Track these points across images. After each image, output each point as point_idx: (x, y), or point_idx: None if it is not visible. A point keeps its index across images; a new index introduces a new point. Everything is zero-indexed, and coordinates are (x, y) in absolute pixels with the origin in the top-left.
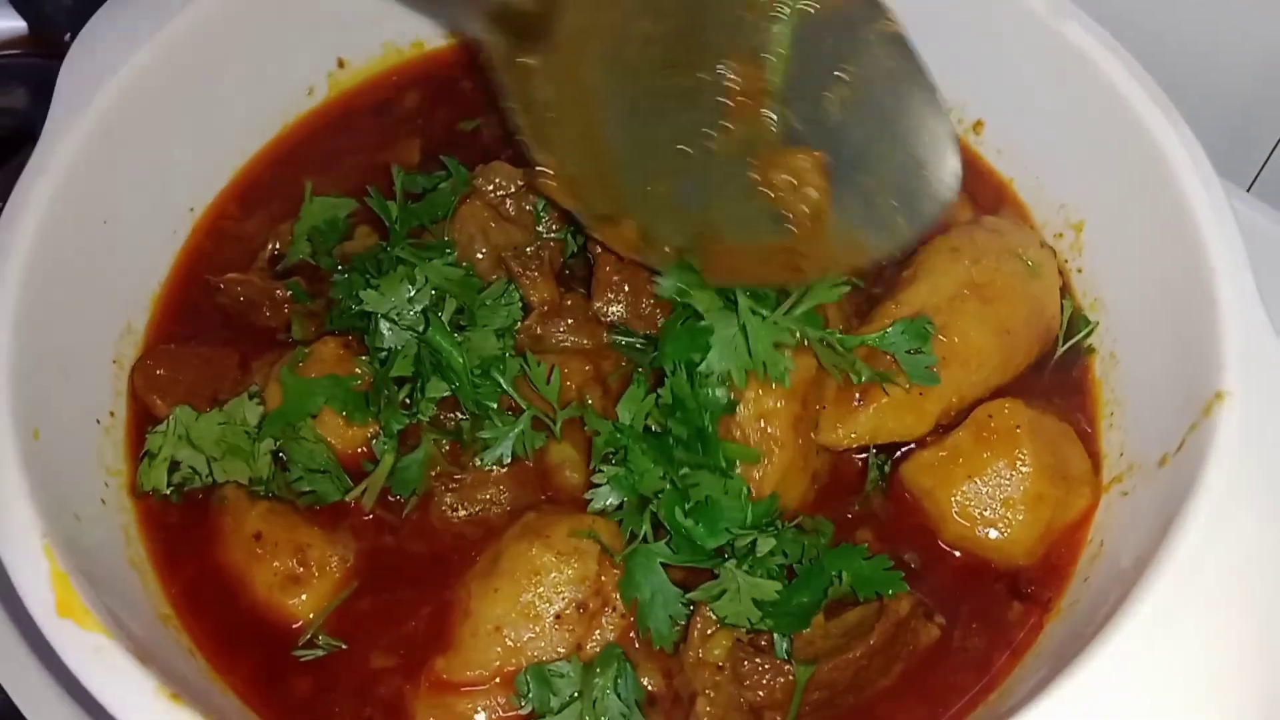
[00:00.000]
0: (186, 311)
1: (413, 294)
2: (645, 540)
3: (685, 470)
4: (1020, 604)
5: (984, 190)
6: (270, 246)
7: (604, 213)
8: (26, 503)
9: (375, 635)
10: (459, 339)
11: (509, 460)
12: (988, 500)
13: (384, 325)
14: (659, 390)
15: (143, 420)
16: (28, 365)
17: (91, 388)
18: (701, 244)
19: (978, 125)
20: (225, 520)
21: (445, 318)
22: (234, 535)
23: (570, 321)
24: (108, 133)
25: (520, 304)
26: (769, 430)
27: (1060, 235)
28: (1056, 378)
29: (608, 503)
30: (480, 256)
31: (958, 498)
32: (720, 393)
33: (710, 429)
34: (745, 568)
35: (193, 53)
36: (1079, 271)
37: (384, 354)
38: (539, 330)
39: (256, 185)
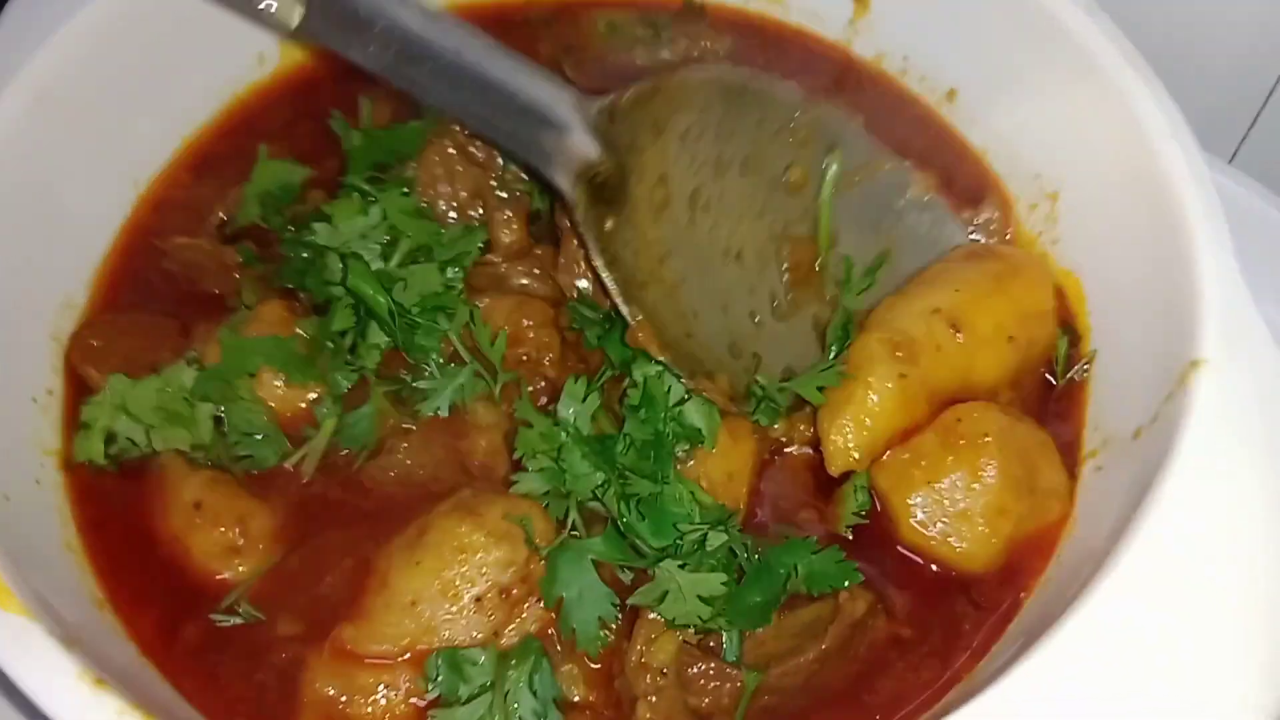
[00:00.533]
0: (129, 283)
1: (367, 230)
2: (575, 533)
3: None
4: (976, 610)
5: (956, 162)
6: (219, 212)
7: (691, 368)
8: None
9: (288, 598)
10: (402, 273)
11: (446, 414)
12: (945, 509)
13: (333, 261)
14: (626, 388)
15: (80, 395)
16: None
17: (27, 365)
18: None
19: (950, 94)
20: (164, 490)
21: (398, 259)
22: (173, 505)
23: (537, 271)
24: (42, 100)
25: (482, 245)
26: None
27: (1035, 206)
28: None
29: (532, 487)
30: (444, 195)
31: (914, 503)
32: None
33: (668, 442)
34: (687, 565)
35: (134, 18)
36: (1054, 243)
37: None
38: (503, 269)
39: (206, 156)
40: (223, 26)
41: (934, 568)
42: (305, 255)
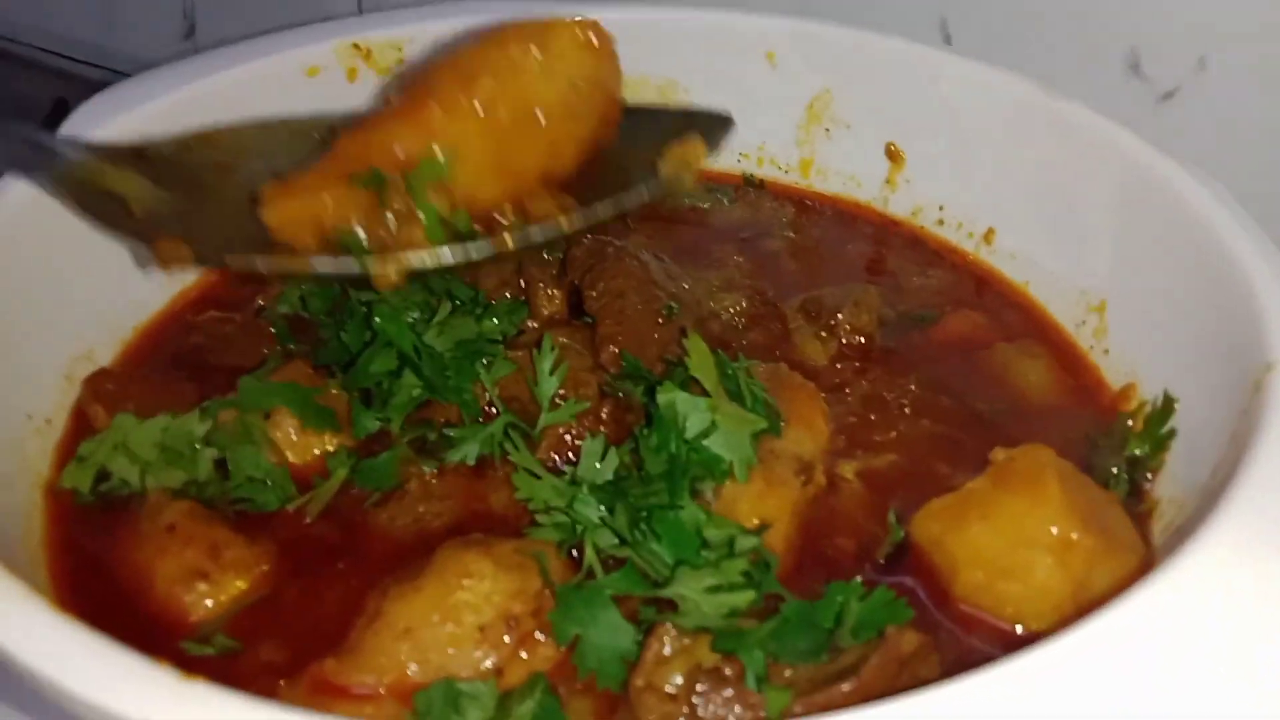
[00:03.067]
0: (154, 351)
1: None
2: (591, 575)
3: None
4: None
5: (999, 301)
6: (258, 300)
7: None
8: None
9: (271, 632)
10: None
11: (473, 462)
12: (1004, 545)
13: (380, 312)
14: (637, 431)
15: (80, 434)
16: None
17: (32, 389)
18: None
19: (989, 235)
20: (142, 519)
21: (441, 317)
22: (147, 531)
23: (576, 341)
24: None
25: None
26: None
27: (1083, 323)
28: None
29: (548, 536)
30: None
31: (969, 543)
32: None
33: (681, 467)
34: (709, 579)
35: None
36: (1105, 353)
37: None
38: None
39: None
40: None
41: (1000, 624)
42: (346, 335)
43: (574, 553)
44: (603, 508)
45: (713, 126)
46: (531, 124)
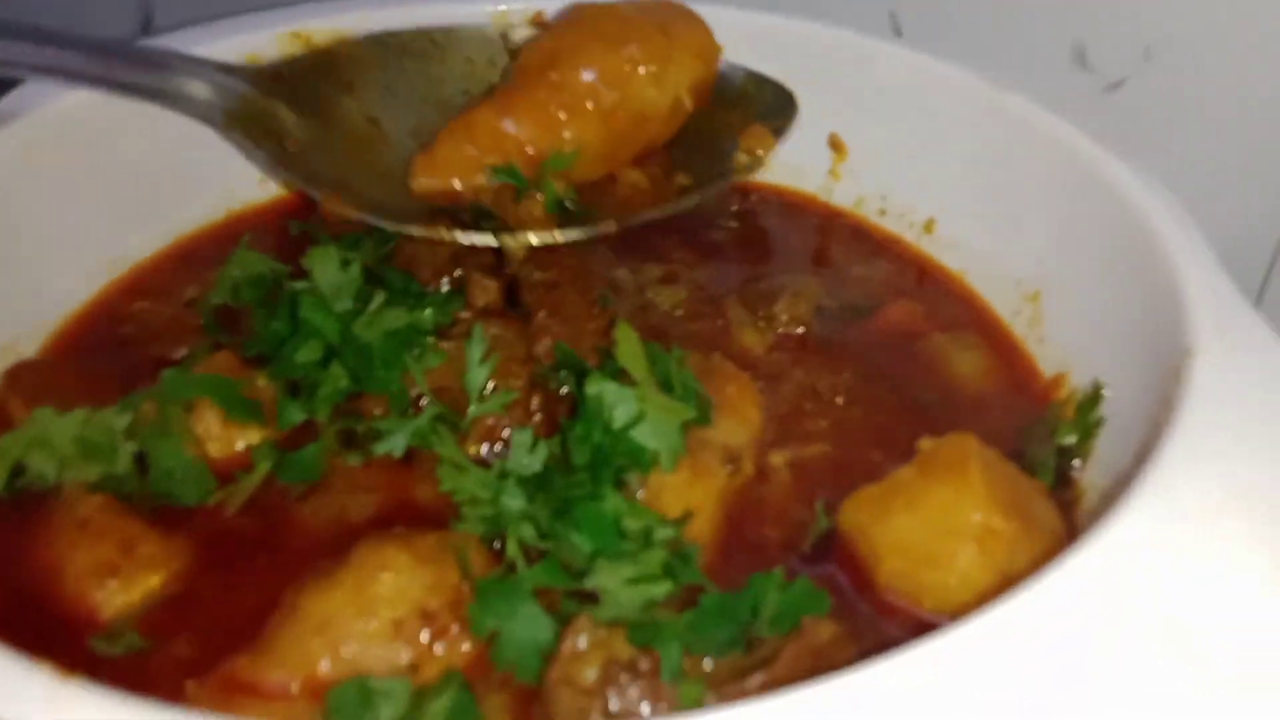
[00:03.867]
0: (81, 342)
1: (345, 283)
2: (513, 568)
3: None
4: None
5: (937, 291)
6: (189, 293)
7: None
8: None
9: (183, 629)
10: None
11: (400, 454)
12: (927, 533)
13: (306, 302)
14: (563, 422)
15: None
16: None
17: None
18: None
19: (929, 224)
20: (56, 513)
21: (374, 307)
22: (60, 525)
23: (510, 332)
24: (33, 151)
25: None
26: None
27: (1019, 312)
28: None
29: (472, 529)
30: (424, 263)
31: (893, 531)
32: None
33: (605, 457)
34: (626, 569)
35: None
36: (1040, 342)
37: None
38: (475, 326)
39: (189, 255)
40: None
41: (922, 613)
42: (275, 325)
43: (497, 545)
44: (526, 498)
45: (780, 105)
46: (644, 123)
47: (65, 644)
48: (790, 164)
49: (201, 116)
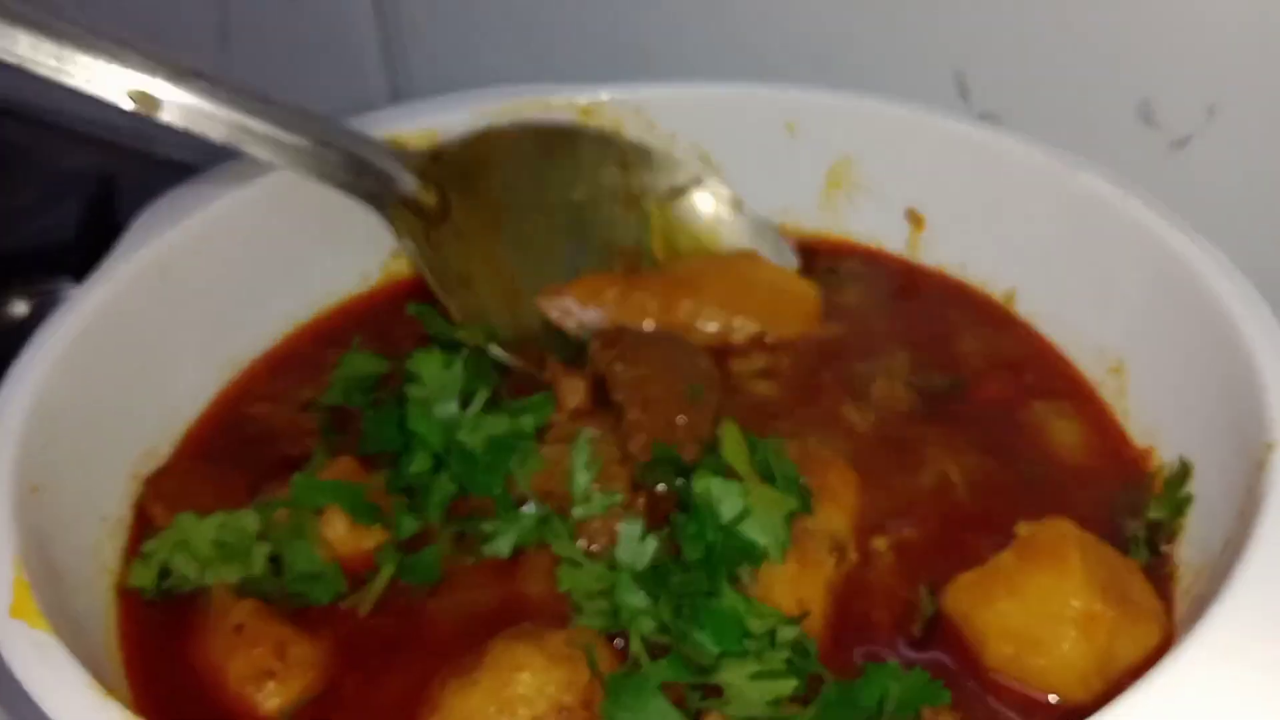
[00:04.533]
0: (209, 444)
1: (449, 382)
2: (637, 663)
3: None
4: None
5: (1028, 363)
6: (305, 394)
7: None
8: (6, 524)
9: None
10: (473, 420)
11: (506, 555)
12: (1030, 619)
13: (413, 414)
14: (672, 517)
15: (145, 530)
16: (42, 432)
17: (104, 492)
18: None
19: (1009, 296)
20: (208, 616)
21: (473, 410)
22: (216, 629)
23: (603, 430)
24: (163, 272)
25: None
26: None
27: (1103, 384)
28: None
29: (591, 624)
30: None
31: (997, 617)
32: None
33: (719, 555)
34: (753, 668)
35: (255, 229)
36: (1124, 413)
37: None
38: (569, 428)
39: (301, 352)
40: (330, 249)
41: (1032, 694)
42: (386, 432)
43: (616, 641)
44: (645, 595)
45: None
46: None
47: None
48: (868, 236)
49: (376, 202)
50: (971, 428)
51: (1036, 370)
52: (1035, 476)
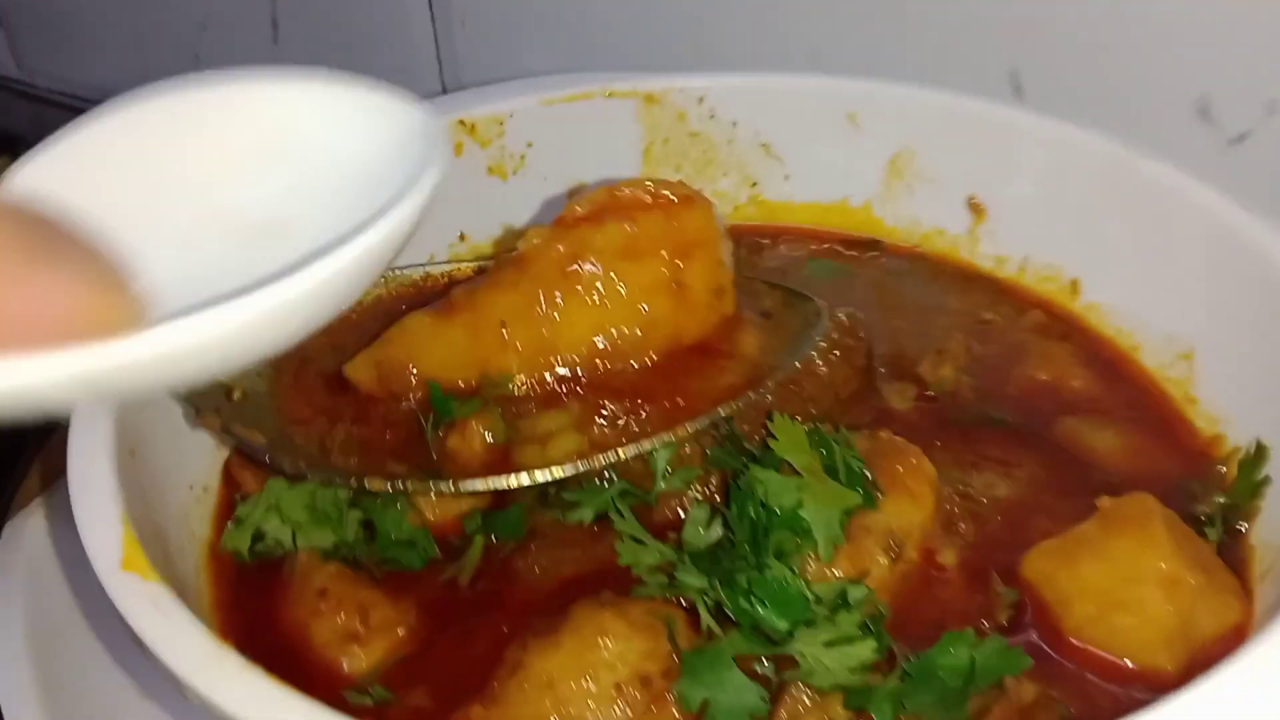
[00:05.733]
0: None
1: None
2: (711, 635)
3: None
4: None
5: (1088, 350)
6: None
7: None
8: (111, 480)
9: (421, 681)
10: None
11: (589, 521)
12: (1115, 580)
13: None
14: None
15: (230, 497)
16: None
17: (192, 458)
18: None
19: (1074, 285)
20: (294, 579)
21: None
22: (300, 592)
23: None
24: None
25: None
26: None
27: (1171, 370)
28: None
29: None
30: None
31: (1081, 579)
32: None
33: (761, 526)
34: (825, 637)
35: None
36: (1190, 400)
37: None
38: None
39: None
40: None
41: (1110, 658)
42: None
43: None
44: (701, 574)
45: (808, 321)
46: None
47: (323, 692)
48: (928, 224)
49: None
50: (1028, 414)
51: (1097, 361)
52: (1093, 462)
